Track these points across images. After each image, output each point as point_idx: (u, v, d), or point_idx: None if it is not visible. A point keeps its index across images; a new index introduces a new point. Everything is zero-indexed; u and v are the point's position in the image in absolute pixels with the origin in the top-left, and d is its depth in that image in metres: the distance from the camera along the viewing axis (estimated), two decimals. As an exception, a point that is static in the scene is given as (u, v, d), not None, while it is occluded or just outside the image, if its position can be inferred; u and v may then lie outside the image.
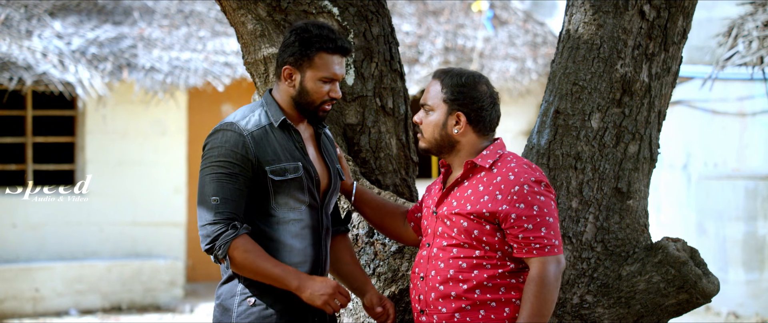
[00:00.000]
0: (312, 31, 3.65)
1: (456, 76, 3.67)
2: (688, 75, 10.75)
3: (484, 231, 3.56)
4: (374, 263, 4.25)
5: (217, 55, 12.22)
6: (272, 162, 3.60)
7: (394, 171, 4.54)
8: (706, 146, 11.74)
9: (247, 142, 3.58)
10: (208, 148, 3.62)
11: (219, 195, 3.54)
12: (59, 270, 11.58)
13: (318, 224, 3.74)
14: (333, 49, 3.65)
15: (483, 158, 3.63)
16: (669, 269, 4.09)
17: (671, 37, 4.29)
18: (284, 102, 3.71)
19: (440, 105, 3.66)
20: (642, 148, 4.29)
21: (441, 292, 3.59)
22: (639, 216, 4.28)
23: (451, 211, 3.62)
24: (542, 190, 3.55)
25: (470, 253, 3.58)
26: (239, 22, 4.41)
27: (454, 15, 13.97)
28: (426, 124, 3.70)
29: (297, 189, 3.64)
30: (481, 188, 3.59)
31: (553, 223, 3.54)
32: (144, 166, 12.48)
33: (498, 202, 3.53)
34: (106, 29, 12.04)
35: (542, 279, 3.49)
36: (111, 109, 12.18)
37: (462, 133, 3.66)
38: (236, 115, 3.68)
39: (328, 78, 3.65)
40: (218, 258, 3.56)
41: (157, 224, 12.44)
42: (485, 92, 3.67)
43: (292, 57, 3.65)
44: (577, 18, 4.32)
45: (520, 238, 3.51)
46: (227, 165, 3.56)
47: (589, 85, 4.24)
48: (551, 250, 3.51)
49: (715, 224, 11.41)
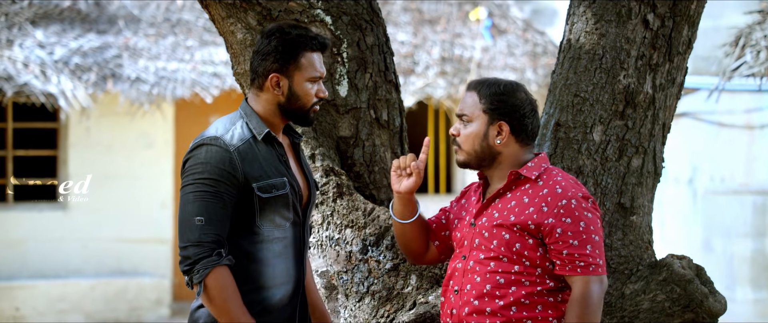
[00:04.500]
0: (291, 33, 3.59)
1: (493, 84, 3.64)
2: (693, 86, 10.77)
3: (526, 245, 3.54)
4: (368, 281, 4.25)
5: (205, 65, 12.23)
6: (260, 178, 3.54)
7: (389, 186, 4.54)
8: (713, 160, 11.76)
9: (234, 158, 3.50)
10: (191, 163, 3.52)
11: (204, 216, 3.45)
12: (41, 289, 11.55)
13: (300, 241, 3.70)
14: (315, 46, 3.62)
15: (528, 170, 3.61)
16: (674, 287, 4.09)
17: (676, 46, 4.30)
18: (266, 112, 3.64)
19: (479, 115, 3.62)
20: (646, 161, 4.30)
21: (475, 307, 3.56)
22: (643, 232, 4.28)
23: (492, 223, 3.59)
24: (590, 207, 3.54)
25: (509, 268, 3.55)
26: (228, 31, 4.41)
27: (451, 24, 13.99)
28: (464, 136, 3.65)
29: (283, 206, 3.59)
30: (526, 200, 3.57)
31: (598, 242, 3.52)
32: (129, 180, 12.46)
33: (544, 215, 3.51)
34: (89, 38, 12.04)
35: (586, 299, 3.46)
36: (95, 121, 12.17)
37: (504, 144, 3.63)
38: (217, 129, 3.58)
39: (315, 77, 3.62)
40: (193, 282, 3.47)
41: (142, 240, 12.42)
42: (525, 100, 3.65)
43: (276, 63, 3.58)
44: (578, 27, 4.33)
45: (563, 254, 3.49)
46: (213, 183, 3.47)
47: (591, 97, 4.25)
48: (595, 270, 3.49)
49: (722, 241, 11.42)
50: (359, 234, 4.26)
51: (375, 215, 4.27)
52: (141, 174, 12.53)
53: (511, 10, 14.53)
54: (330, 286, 4.33)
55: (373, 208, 4.29)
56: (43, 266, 12.05)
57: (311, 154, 4.31)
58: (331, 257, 4.31)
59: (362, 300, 4.26)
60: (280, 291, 3.63)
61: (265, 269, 3.59)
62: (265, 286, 3.60)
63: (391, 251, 4.23)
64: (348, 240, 4.29)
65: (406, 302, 4.19)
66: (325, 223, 4.32)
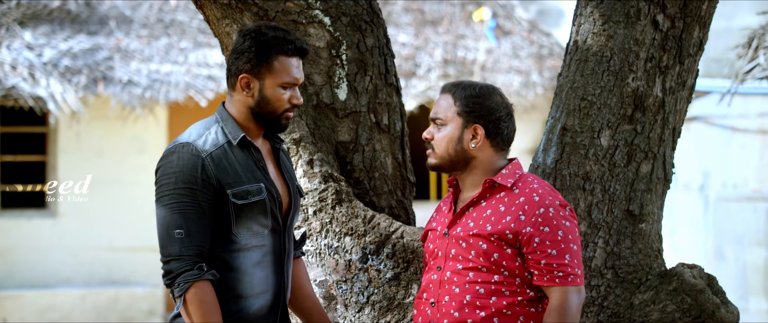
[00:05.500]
0: (267, 34, 3.57)
1: (468, 87, 3.67)
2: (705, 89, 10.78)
3: (505, 254, 3.55)
4: (368, 290, 4.25)
5: (199, 67, 12.25)
6: (234, 184, 3.53)
7: (389, 193, 4.54)
8: (725, 165, 11.76)
9: (206, 164, 3.50)
10: (163, 172, 3.52)
11: (183, 229, 3.46)
12: (29, 299, 11.55)
13: (280, 249, 3.69)
14: (292, 50, 3.58)
15: (503, 177, 3.63)
16: (685, 297, 4.09)
17: (687, 48, 4.31)
18: (241, 115, 3.63)
19: (454, 118, 3.65)
20: (655, 167, 4.30)
21: (456, 319, 3.57)
22: (652, 240, 4.29)
23: (468, 232, 3.60)
24: (567, 215, 3.56)
25: (489, 278, 3.56)
26: (224, 32, 4.42)
27: (454, 25, 14.00)
28: (438, 139, 3.68)
29: (260, 213, 3.59)
30: (502, 208, 3.58)
31: (576, 251, 3.54)
32: (121, 187, 12.47)
33: (521, 223, 3.53)
34: (80, 40, 12.06)
35: (564, 310, 3.48)
36: (85, 126, 12.18)
37: (479, 148, 3.65)
38: (191, 134, 3.59)
39: (288, 83, 3.59)
40: (174, 295, 3.51)
41: (135, 249, 12.43)
42: (501, 103, 3.68)
43: (248, 64, 3.57)
44: (585, 28, 4.34)
45: (542, 264, 3.50)
46: (188, 192, 3.48)
47: (599, 100, 4.26)
48: (574, 280, 3.51)
49: (734, 249, 11.42)
50: (359, 242, 4.26)
51: (375, 222, 4.28)
52: (133, 180, 12.53)
53: (515, 10, 14.55)
54: (329, 296, 4.33)
55: (373, 215, 4.30)
56: (32, 275, 12.05)
57: (309, 159, 4.32)
58: (329, 266, 4.32)
59: (362, 310, 4.26)
60: (259, 300, 3.63)
61: (242, 277, 3.60)
62: (243, 295, 3.60)
63: (391, 260, 4.23)
64: (347, 249, 4.30)
65: (407, 312, 4.19)
66: (323, 231, 4.32)
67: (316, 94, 4.43)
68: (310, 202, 4.29)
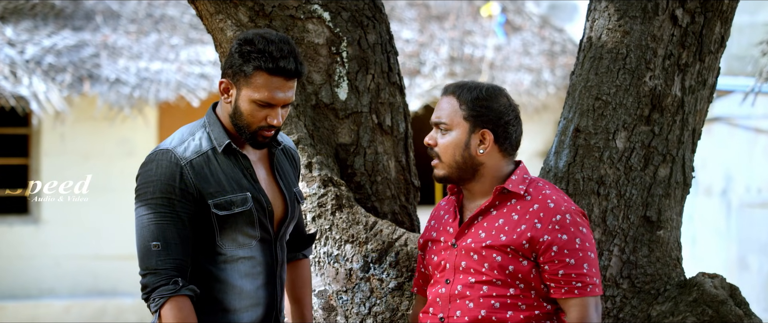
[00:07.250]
0: (255, 45, 3.50)
1: (474, 89, 3.64)
2: (727, 88, 10.79)
3: (521, 267, 3.54)
4: (370, 301, 4.26)
5: (191, 65, 12.26)
6: (216, 194, 3.52)
7: (392, 198, 4.55)
8: (748, 169, 11.76)
9: (185, 172, 3.49)
10: (141, 181, 3.51)
11: (160, 241, 3.46)
12: (10, 310, 11.56)
13: (272, 260, 3.67)
14: (272, 69, 3.48)
15: (514, 183, 3.61)
16: (706, 309, 4.10)
17: (707, 45, 4.32)
18: (227, 120, 3.60)
19: (460, 123, 3.62)
20: (674, 171, 4.31)
21: None
22: (671, 248, 4.29)
23: (480, 244, 3.59)
24: (584, 222, 3.57)
25: (504, 291, 3.56)
26: (217, 28, 4.43)
27: (461, 20, 14.01)
28: (443, 146, 3.65)
29: (246, 224, 3.57)
30: (516, 217, 3.58)
31: (594, 259, 3.55)
32: (108, 192, 12.47)
33: (538, 231, 3.53)
34: (64, 36, 12.08)
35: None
36: (70, 127, 12.20)
37: (487, 154, 3.63)
38: (173, 140, 3.57)
39: (263, 102, 3.50)
40: (151, 310, 3.50)
41: (122, 257, 12.42)
42: (508, 106, 3.66)
43: (230, 69, 3.54)
44: (600, 24, 4.35)
45: (559, 275, 3.51)
46: (165, 202, 3.47)
47: (614, 100, 4.26)
48: (593, 290, 3.52)
49: (758, 258, 11.42)
50: (360, 250, 4.27)
51: (377, 229, 4.28)
52: (121, 185, 12.50)
53: (526, 5, 14.56)
54: (328, 307, 4.34)
55: (375, 222, 4.31)
56: (13, 285, 12.06)
57: (308, 162, 4.32)
58: (329, 275, 4.33)
59: (363, 322, 4.27)
60: (249, 314, 3.63)
61: (230, 290, 3.59)
62: (231, 309, 3.60)
63: (394, 269, 4.24)
64: (348, 257, 4.31)
65: (412, 325, 4.20)
66: (323, 238, 4.32)
67: (315, 93, 4.44)
68: (309, 208, 4.30)
